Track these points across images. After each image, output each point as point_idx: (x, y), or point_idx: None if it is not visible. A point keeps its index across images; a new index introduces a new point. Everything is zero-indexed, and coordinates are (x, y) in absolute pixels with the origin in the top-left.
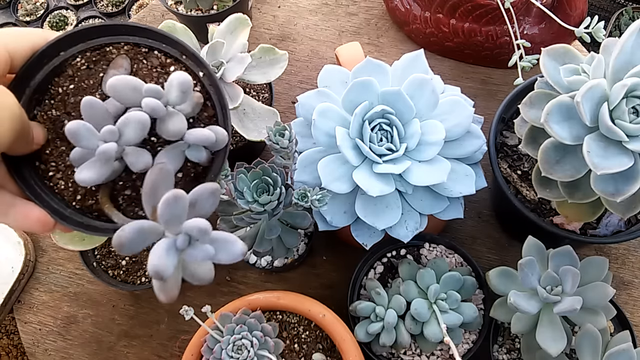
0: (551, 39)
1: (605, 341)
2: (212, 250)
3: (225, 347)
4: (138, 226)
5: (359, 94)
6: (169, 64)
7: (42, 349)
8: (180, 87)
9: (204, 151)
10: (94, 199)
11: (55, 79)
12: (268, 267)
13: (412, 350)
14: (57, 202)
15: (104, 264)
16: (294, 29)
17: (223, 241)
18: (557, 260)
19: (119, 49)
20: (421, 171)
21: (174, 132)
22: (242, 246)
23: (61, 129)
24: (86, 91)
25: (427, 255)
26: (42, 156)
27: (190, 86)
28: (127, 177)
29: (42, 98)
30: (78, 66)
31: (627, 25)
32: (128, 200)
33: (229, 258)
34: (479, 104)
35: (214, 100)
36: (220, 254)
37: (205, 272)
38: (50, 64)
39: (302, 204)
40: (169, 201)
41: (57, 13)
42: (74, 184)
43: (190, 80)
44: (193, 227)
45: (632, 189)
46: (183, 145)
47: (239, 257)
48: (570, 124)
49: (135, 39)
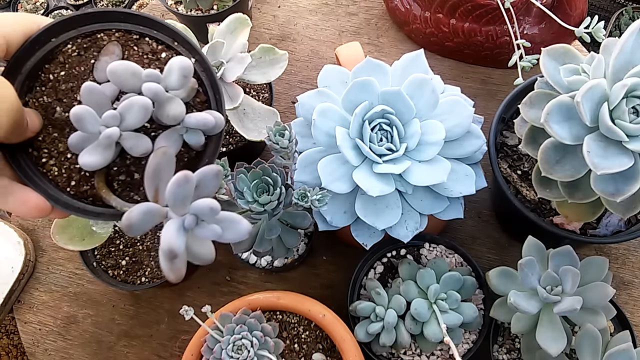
0: (551, 39)
1: (605, 341)
2: (220, 229)
3: (225, 347)
4: (145, 208)
5: (359, 94)
6: (160, 51)
7: (42, 349)
8: (181, 72)
9: (202, 135)
10: (89, 185)
11: (47, 65)
12: (268, 267)
13: (412, 350)
14: (52, 188)
15: (104, 264)
16: (294, 29)
17: (229, 221)
18: (557, 260)
19: (110, 36)
20: (421, 171)
21: (174, 116)
22: (247, 225)
23: (53, 116)
24: (77, 78)
25: (427, 255)
26: (34, 143)
27: (191, 71)
28: (121, 163)
29: (33, 85)
30: (69, 53)
31: (627, 25)
32: (123, 185)
33: (236, 236)
34: (479, 104)
35: (206, 86)
36: (227, 233)
37: (206, 252)
38: (42, 50)
39: (302, 204)
40: (179, 182)
41: (57, 13)
42: (68, 170)
43: (191, 65)
44: (203, 206)
45: (632, 189)
46: (181, 130)
47: (245, 235)
48: (570, 124)
49: (127, 25)
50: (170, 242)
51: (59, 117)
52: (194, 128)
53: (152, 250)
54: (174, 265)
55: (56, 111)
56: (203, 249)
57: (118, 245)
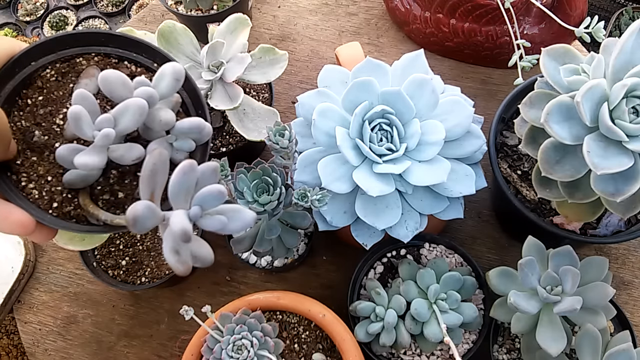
0: (551, 39)
1: (605, 341)
2: (225, 219)
3: (225, 347)
4: (147, 204)
5: (359, 94)
6: (140, 73)
7: (42, 349)
8: (174, 76)
9: (192, 142)
10: (72, 205)
11: (24, 90)
12: (268, 267)
13: (412, 350)
14: (35, 209)
15: (104, 264)
16: (294, 29)
17: (233, 211)
18: (557, 260)
19: (88, 60)
20: (421, 171)
21: (166, 120)
22: (252, 214)
23: (32, 140)
24: (56, 102)
25: (427, 255)
26: (12, 167)
27: (182, 74)
28: (104, 182)
29: (11, 109)
30: (47, 77)
31: (627, 25)
32: (107, 205)
33: (241, 225)
34: (479, 104)
35: (187, 105)
36: (232, 223)
37: (205, 252)
38: (21, 74)
39: (302, 204)
40: (185, 170)
41: (57, 13)
42: (49, 193)
43: (182, 69)
44: (209, 193)
45: (632, 189)
46: (170, 138)
47: (250, 223)
48: (570, 124)
49: (106, 49)
50: (182, 225)
51: (38, 140)
52: (185, 135)
53: (152, 250)
54: (180, 258)
55: (35, 135)
56: (202, 249)
57: (118, 245)
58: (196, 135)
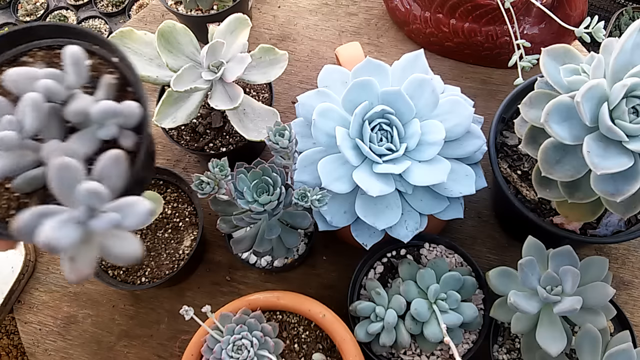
0: (551, 39)
1: (605, 341)
2: (118, 216)
3: (225, 347)
4: (40, 210)
5: (359, 94)
6: (98, 65)
7: (42, 349)
8: (71, 59)
9: (114, 127)
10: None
11: None
12: (268, 267)
13: (412, 350)
14: None
15: (104, 264)
16: (294, 29)
17: (127, 205)
18: (557, 260)
19: (33, 57)
20: (421, 171)
21: (75, 110)
22: (147, 204)
23: None
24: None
25: (427, 255)
26: None
27: (79, 56)
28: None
29: None
30: None
31: (627, 25)
32: None
33: (136, 221)
34: (479, 104)
35: (132, 83)
36: (127, 219)
37: (128, 249)
38: None
39: (302, 204)
40: (60, 167)
41: (57, 13)
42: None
43: (78, 51)
44: (87, 192)
45: (632, 189)
46: (95, 127)
47: (146, 216)
48: (570, 124)
49: (47, 41)
50: (46, 235)
51: None
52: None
53: (152, 250)
54: (74, 265)
55: None
56: (124, 247)
57: None
58: (122, 119)
